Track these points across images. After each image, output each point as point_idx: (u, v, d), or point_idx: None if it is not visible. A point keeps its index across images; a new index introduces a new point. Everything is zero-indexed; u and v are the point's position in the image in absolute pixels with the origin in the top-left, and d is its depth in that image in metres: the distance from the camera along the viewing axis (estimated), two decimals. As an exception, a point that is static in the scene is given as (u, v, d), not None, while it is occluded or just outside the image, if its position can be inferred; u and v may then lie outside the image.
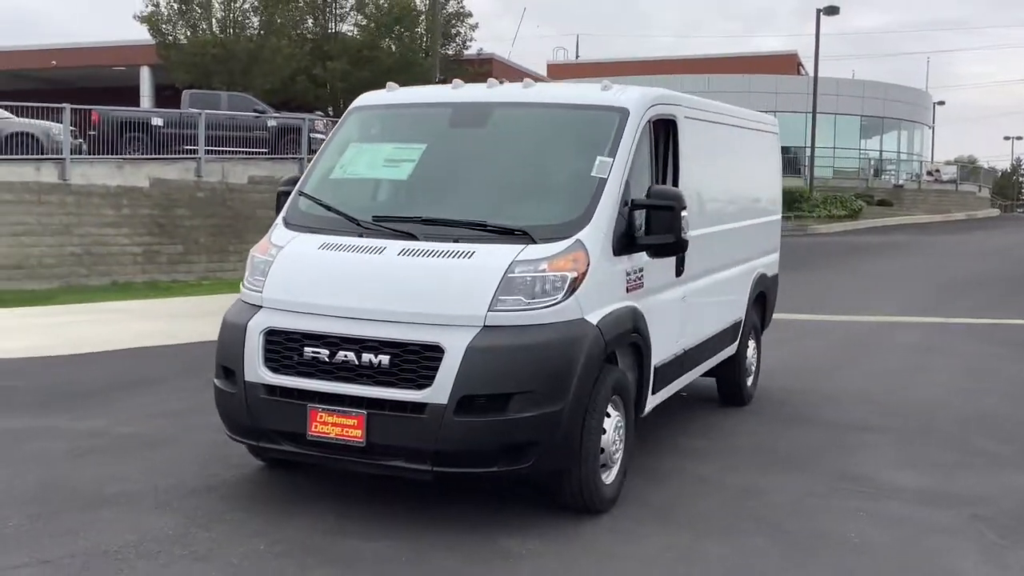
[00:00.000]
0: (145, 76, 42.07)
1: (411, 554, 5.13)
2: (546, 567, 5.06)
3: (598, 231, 5.76)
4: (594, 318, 5.61)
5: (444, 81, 26.01)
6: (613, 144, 6.10)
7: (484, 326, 5.36)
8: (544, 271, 5.51)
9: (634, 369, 6.31)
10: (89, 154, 21.85)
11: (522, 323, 5.41)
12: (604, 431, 5.81)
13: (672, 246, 6.01)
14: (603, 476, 5.88)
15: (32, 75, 44.18)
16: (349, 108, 7.05)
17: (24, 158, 20.39)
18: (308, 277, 5.82)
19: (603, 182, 5.93)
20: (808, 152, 47.99)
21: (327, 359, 5.46)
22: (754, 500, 6.28)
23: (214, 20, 32.39)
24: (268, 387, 5.57)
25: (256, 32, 32.66)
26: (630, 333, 6.01)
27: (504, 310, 5.39)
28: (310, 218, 6.23)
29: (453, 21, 39.58)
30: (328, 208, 6.19)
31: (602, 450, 5.81)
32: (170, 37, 32.70)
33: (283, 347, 5.60)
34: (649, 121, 6.41)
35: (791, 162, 52.29)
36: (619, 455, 6.03)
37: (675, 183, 6.79)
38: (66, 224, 20.78)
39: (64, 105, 21.02)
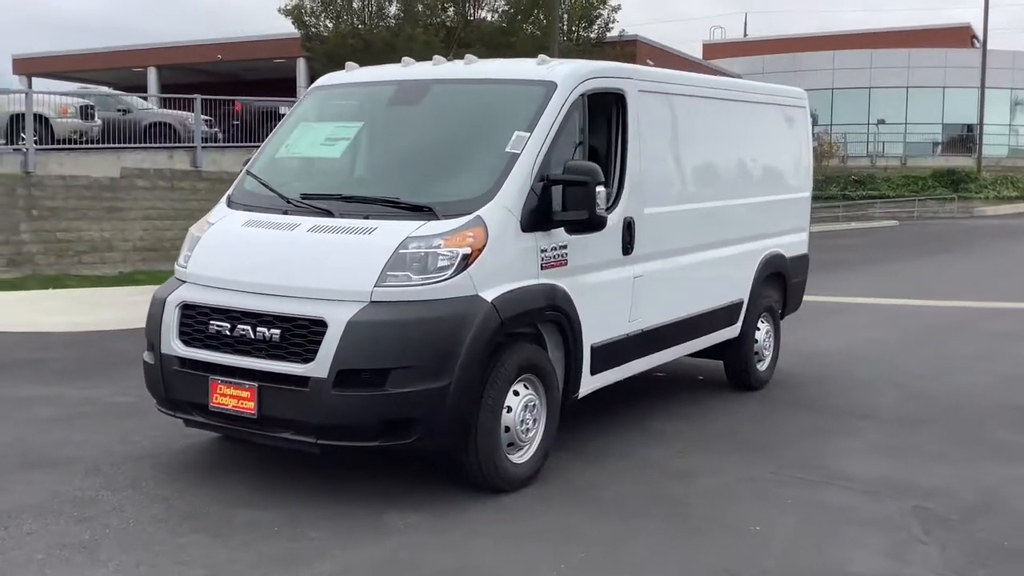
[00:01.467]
0: (301, 68, 43.66)
1: (285, 524, 5.23)
2: (411, 541, 5.08)
3: (501, 207, 5.71)
4: (490, 295, 5.56)
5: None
6: (533, 119, 6.02)
7: (371, 301, 5.40)
8: (439, 247, 5.51)
9: (562, 348, 6.21)
10: (227, 143, 23.06)
11: (409, 299, 5.43)
12: (509, 409, 5.76)
13: (586, 223, 5.88)
14: (512, 456, 5.83)
15: (201, 69, 46.55)
16: (309, 88, 7.21)
17: (160, 146, 21.70)
18: (225, 253, 6.02)
19: (515, 157, 5.86)
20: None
21: (228, 332, 5.63)
22: (684, 485, 6.10)
23: (353, 10, 33.25)
24: (180, 359, 5.78)
25: (393, 21, 33.36)
26: (543, 311, 5.93)
27: (392, 286, 5.43)
28: (250, 196, 6.42)
29: (595, 3, 39.27)
30: (266, 186, 6.36)
31: (507, 429, 5.76)
32: (313, 29, 33.77)
33: (195, 320, 5.80)
34: (583, 95, 6.28)
35: (961, 141, 49.66)
36: (535, 435, 5.96)
37: (623, 158, 6.63)
38: (196, 209, 21.90)
39: (195, 96, 22.18)
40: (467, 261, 5.51)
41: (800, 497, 5.92)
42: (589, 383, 6.48)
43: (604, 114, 6.67)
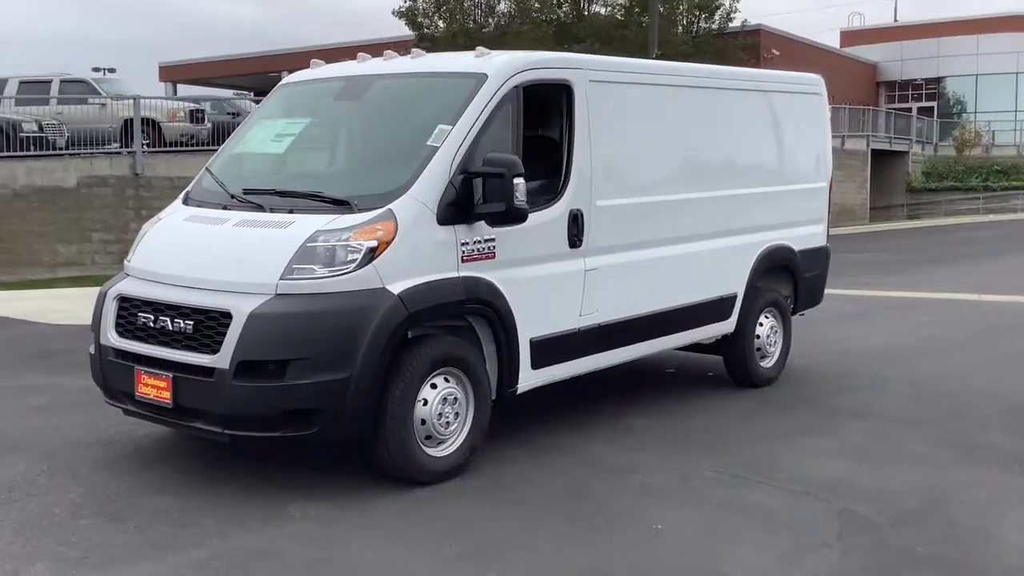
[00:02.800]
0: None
1: (185, 511, 5.35)
2: (297, 531, 5.13)
3: (414, 200, 5.72)
4: (397, 288, 5.58)
5: (660, 57, 25.59)
6: (458, 112, 6.01)
7: (276, 294, 5.50)
8: (347, 240, 5.56)
9: (501, 342, 6.17)
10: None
11: (314, 291, 5.50)
12: (425, 402, 5.76)
13: (504, 215, 5.82)
14: (431, 449, 5.83)
15: (331, 71, 47.91)
16: (277, 85, 7.37)
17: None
18: (161, 247, 6.23)
19: (434, 151, 5.86)
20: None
21: (152, 324, 5.82)
22: (611, 482, 5.97)
23: (464, 9, 33.65)
24: (115, 350, 6.01)
25: (504, 18, 33.62)
26: (463, 304, 5.90)
27: (297, 278, 5.51)
28: (203, 192, 6.61)
29: (715, -7, 38.55)
30: (217, 182, 6.54)
31: (423, 422, 5.76)
32: (427, 29, 34.34)
33: (128, 312, 6.02)
34: (518, 87, 6.21)
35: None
36: (457, 428, 5.95)
37: (570, 150, 6.53)
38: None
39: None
40: (373, 254, 5.54)
41: (727, 497, 5.72)
42: (531, 378, 6.41)
43: (549, 106, 6.58)
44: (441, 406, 5.83)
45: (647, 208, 7.12)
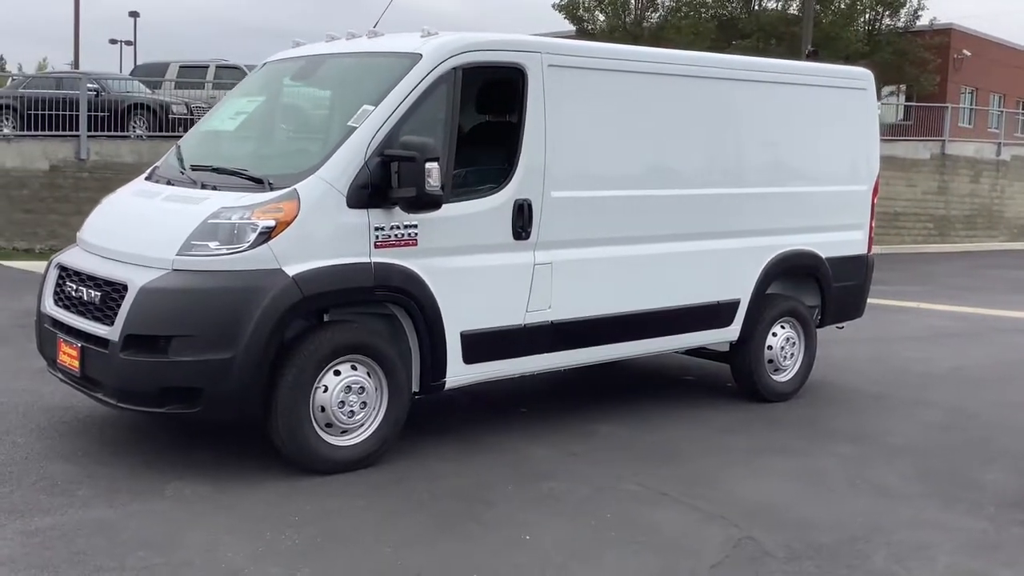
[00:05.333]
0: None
1: (74, 480, 5.36)
2: (155, 509, 5.08)
3: (321, 181, 5.57)
4: (294, 269, 5.45)
5: (812, 55, 24.36)
6: (384, 92, 5.81)
7: (172, 269, 5.47)
8: (248, 218, 5.47)
9: (423, 333, 5.95)
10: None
11: (207, 268, 5.43)
12: (325, 389, 5.61)
13: (416, 200, 5.59)
14: (332, 438, 5.68)
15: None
16: (260, 63, 7.36)
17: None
18: (100, 219, 6.33)
19: (351, 131, 5.69)
20: None
21: (73, 293, 5.92)
22: (514, 487, 5.65)
23: (626, 2, 33.12)
24: (49, 317, 6.14)
25: (667, 12, 32.90)
26: (372, 291, 5.71)
27: (194, 255, 5.46)
28: (165, 167, 6.66)
29: (901, -10, 36.54)
30: (178, 158, 6.60)
31: (322, 409, 5.61)
32: (587, 23, 34.02)
33: (62, 281, 6.14)
34: (456, 69, 5.96)
35: None
36: (366, 419, 5.76)
37: (520, 138, 6.22)
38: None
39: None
40: (270, 234, 5.42)
41: (627, 514, 5.31)
42: (463, 373, 6.15)
43: (500, 91, 6.30)
44: (344, 394, 5.65)
45: (615, 203, 6.70)
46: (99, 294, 5.65)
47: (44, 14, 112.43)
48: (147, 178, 6.62)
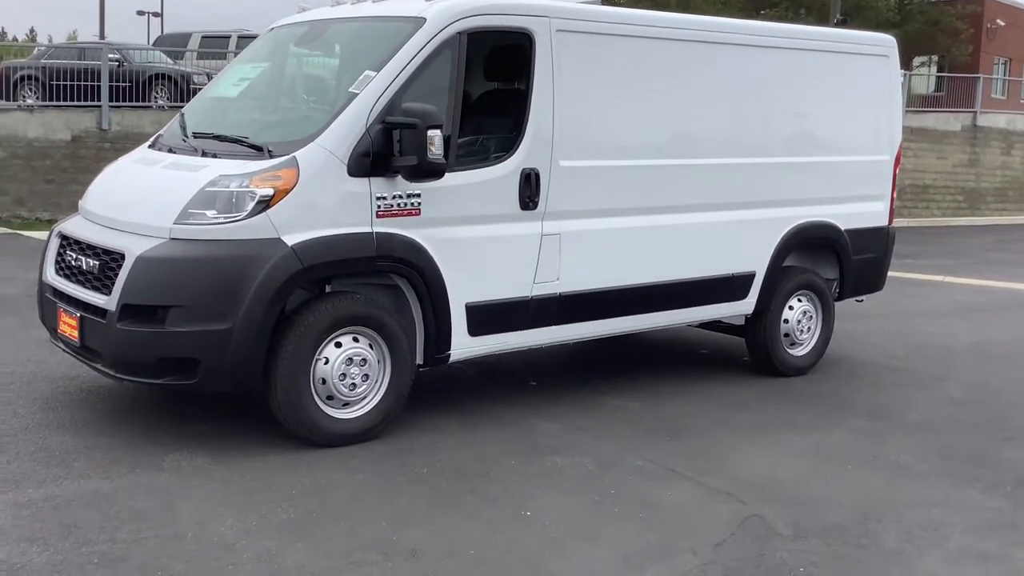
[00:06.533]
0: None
1: (73, 452, 5.31)
2: (150, 482, 5.01)
3: (321, 148, 5.44)
4: (293, 239, 5.34)
5: (841, 24, 23.88)
6: (386, 57, 5.67)
7: (169, 238, 5.37)
8: (246, 186, 5.36)
9: (427, 304, 5.83)
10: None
11: (204, 237, 5.34)
12: (326, 361, 5.51)
13: (418, 169, 5.45)
14: (333, 410, 5.58)
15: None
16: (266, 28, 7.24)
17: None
18: (101, 187, 6.25)
19: (352, 97, 5.56)
20: None
21: (73, 262, 5.84)
22: (519, 460, 5.55)
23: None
24: (50, 287, 6.07)
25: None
26: (373, 261, 5.59)
27: (191, 223, 5.36)
28: (169, 135, 6.56)
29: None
30: (181, 125, 6.50)
31: (323, 381, 5.52)
32: None
33: (63, 250, 6.06)
34: (460, 33, 5.80)
35: None
36: (368, 391, 5.67)
37: (527, 105, 6.06)
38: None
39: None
40: (268, 202, 5.31)
41: (631, 490, 5.19)
42: (469, 345, 6.03)
43: (507, 56, 6.15)
44: (345, 366, 5.56)
45: (626, 172, 6.54)
46: (97, 263, 5.57)
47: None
48: (150, 146, 6.52)
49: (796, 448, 6.00)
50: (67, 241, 5.99)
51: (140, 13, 51.53)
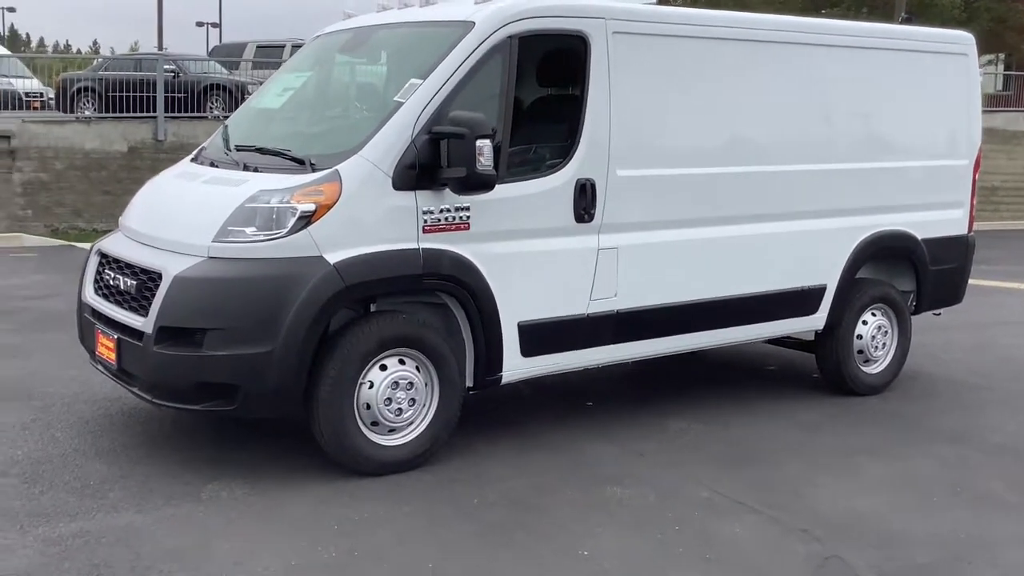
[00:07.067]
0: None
1: (108, 480, 5.07)
2: (187, 515, 4.75)
3: (365, 161, 5.16)
4: (335, 257, 5.05)
5: (906, 23, 23.15)
6: (433, 64, 5.37)
7: (208, 257, 5.12)
8: (287, 202, 5.10)
9: (477, 324, 5.52)
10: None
11: (243, 256, 5.08)
12: (371, 385, 5.22)
13: (466, 180, 5.14)
14: (378, 436, 5.29)
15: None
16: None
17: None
18: (141, 203, 6.02)
19: (397, 107, 5.27)
20: None
21: (111, 281, 5.62)
22: (576, 490, 5.22)
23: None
24: (89, 307, 5.85)
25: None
26: (420, 279, 5.29)
27: (230, 241, 5.10)
28: (212, 148, 6.34)
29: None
30: (223, 137, 6.27)
31: (367, 406, 5.23)
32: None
33: (101, 268, 5.85)
34: (511, 38, 5.48)
35: None
36: (415, 416, 5.36)
37: (582, 112, 5.73)
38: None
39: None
40: (310, 219, 5.03)
41: (698, 526, 4.82)
42: (521, 366, 5.71)
43: (560, 61, 5.83)
44: (391, 390, 5.26)
45: (688, 181, 6.17)
46: (135, 282, 5.34)
47: (136, 1, 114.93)
48: (193, 159, 6.29)
49: (874, 477, 5.58)
50: (106, 259, 5.77)
51: (199, 24, 52.11)
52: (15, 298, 9.99)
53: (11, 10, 73.69)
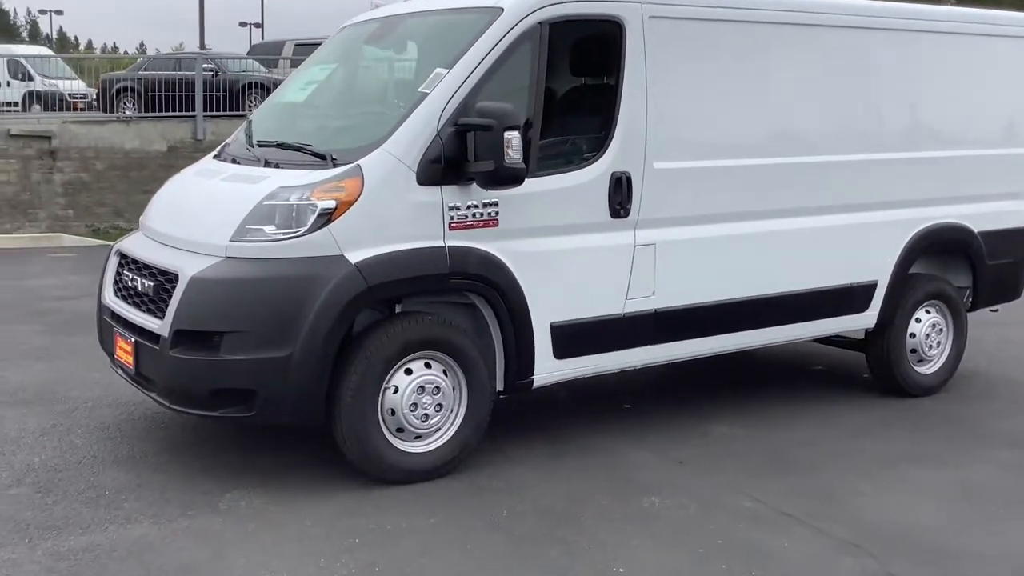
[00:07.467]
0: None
1: (123, 490, 4.89)
2: (203, 527, 4.54)
3: (388, 155, 4.92)
4: (356, 256, 4.82)
5: (959, 1, 22.49)
6: (459, 53, 5.13)
7: (225, 257, 4.92)
8: (307, 199, 4.87)
9: (507, 325, 5.27)
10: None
11: (261, 256, 4.86)
12: (396, 390, 4.99)
13: (494, 174, 4.88)
14: (402, 443, 5.06)
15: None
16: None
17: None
18: (162, 201, 5.84)
19: (422, 98, 5.03)
20: None
21: (130, 283, 5.44)
22: (612, 500, 4.95)
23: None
24: (108, 309, 5.68)
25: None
26: (446, 278, 5.04)
27: (249, 240, 4.89)
28: (235, 144, 6.14)
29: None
30: (246, 133, 6.08)
31: (392, 412, 4.99)
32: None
33: (121, 269, 5.67)
34: (542, 23, 5.22)
35: None
36: (442, 422, 5.13)
37: (617, 102, 5.45)
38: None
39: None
40: (330, 216, 4.81)
41: (740, 539, 4.53)
42: (553, 369, 5.44)
43: (594, 48, 5.56)
44: (417, 395, 5.02)
45: (730, 174, 5.87)
46: (152, 284, 5.15)
47: (181, 3, 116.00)
48: (215, 156, 6.09)
49: (930, 486, 5.25)
50: (125, 260, 5.59)
51: (242, 24, 52.32)
52: (48, 299, 9.90)
53: (59, 12, 74.60)
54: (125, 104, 20.22)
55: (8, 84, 23.83)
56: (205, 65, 18.94)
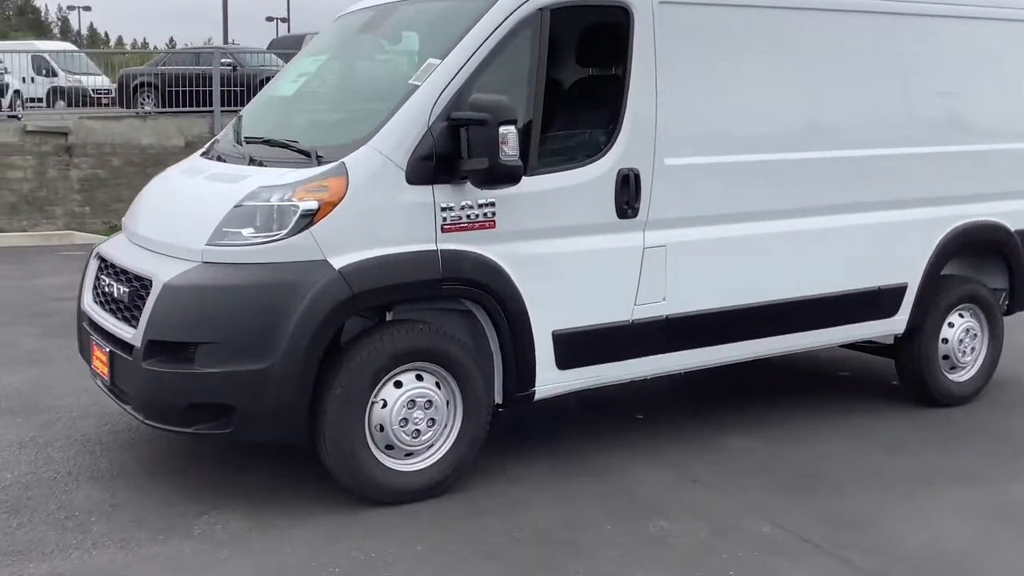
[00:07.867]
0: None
1: (94, 511, 4.59)
2: (172, 552, 4.23)
3: (375, 153, 4.58)
4: (341, 261, 4.49)
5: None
6: (453, 41, 4.78)
7: (202, 261, 4.60)
8: (288, 199, 4.55)
9: (505, 334, 4.92)
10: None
11: (239, 260, 4.54)
12: (384, 404, 4.65)
13: (489, 172, 4.53)
14: (392, 461, 4.72)
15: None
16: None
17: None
18: (144, 202, 5.54)
19: (413, 90, 4.68)
20: None
21: (107, 289, 5.14)
22: (616, 523, 4.59)
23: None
24: (86, 316, 5.39)
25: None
26: (438, 284, 4.70)
27: (226, 244, 4.57)
28: (223, 141, 5.83)
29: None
30: (234, 129, 5.77)
31: (380, 428, 4.66)
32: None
33: (99, 274, 5.38)
34: (542, 10, 4.85)
35: None
36: (435, 438, 4.78)
37: (624, 94, 5.08)
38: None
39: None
40: (312, 217, 4.47)
41: (752, 568, 4.16)
42: (557, 380, 5.09)
43: (599, 37, 5.20)
44: (407, 410, 4.68)
45: (747, 170, 5.48)
46: (127, 290, 4.85)
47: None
48: (203, 154, 5.78)
49: (965, 507, 4.85)
50: (104, 264, 5.29)
51: (269, 19, 52.21)
52: (50, 299, 9.65)
53: (87, 8, 74.93)
54: (144, 100, 20.04)
55: (32, 80, 23.69)
56: (223, 60, 18.71)
